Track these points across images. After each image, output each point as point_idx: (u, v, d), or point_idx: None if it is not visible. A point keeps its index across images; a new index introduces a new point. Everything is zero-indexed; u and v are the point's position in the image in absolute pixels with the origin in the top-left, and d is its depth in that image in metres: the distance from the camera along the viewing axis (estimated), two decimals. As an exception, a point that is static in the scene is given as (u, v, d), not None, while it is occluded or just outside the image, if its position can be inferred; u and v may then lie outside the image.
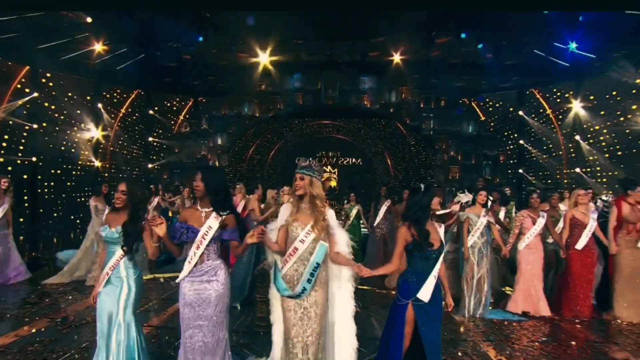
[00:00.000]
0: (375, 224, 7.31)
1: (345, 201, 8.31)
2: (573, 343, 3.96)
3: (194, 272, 2.52)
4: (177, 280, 2.58)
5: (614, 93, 10.41)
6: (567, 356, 3.68)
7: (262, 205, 5.80)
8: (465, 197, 4.88)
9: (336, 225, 2.76)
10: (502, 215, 5.85)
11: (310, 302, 2.60)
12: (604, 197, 5.94)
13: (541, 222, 4.65)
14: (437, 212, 4.11)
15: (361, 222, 7.77)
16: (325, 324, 2.64)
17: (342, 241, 2.70)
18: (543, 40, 9.94)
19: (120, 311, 2.58)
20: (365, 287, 5.49)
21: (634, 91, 9.86)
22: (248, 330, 4.00)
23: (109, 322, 2.53)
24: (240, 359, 3.14)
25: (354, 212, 7.62)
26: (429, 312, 2.69)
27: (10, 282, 6.21)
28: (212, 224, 2.52)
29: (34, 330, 4.03)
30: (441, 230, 2.82)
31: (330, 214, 2.76)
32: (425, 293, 2.66)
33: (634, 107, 9.89)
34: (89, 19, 9.17)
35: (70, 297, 5.40)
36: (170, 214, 8.32)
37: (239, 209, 5.35)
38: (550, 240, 5.11)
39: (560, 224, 5.05)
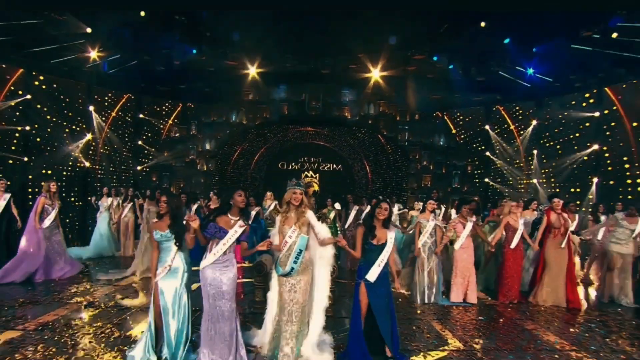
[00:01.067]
0: (346, 227, 8.45)
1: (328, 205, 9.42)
2: (501, 320, 5.14)
3: (217, 261, 3.46)
4: (200, 267, 3.55)
5: (566, 114, 11.95)
6: (493, 329, 4.84)
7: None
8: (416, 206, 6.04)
9: (316, 222, 3.78)
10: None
11: (297, 280, 3.61)
12: (541, 207, 7.23)
13: (469, 226, 5.82)
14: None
15: (337, 224, 8.87)
16: (308, 295, 3.69)
17: (323, 231, 3.74)
18: (506, 64, 11.34)
19: (182, 285, 3.57)
20: (342, 281, 6.51)
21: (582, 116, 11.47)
22: (249, 310, 5.08)
23: (174, 293, 3.51)
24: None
25: (332, 215, 8.70)
26: (375, 289, 3.73)
27: (57, 277, 6.74)
28: (238, 229, 3.51)
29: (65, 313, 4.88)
30: (391, 233, 3.89)
31: (310, 214, 3.79)
32: (371, 275, 3.71)
33: (581, 126, 11.49)
34: (88, 30, 9.93)
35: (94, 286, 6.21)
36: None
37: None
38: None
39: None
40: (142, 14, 8.85)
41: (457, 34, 9.74)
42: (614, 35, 8.78)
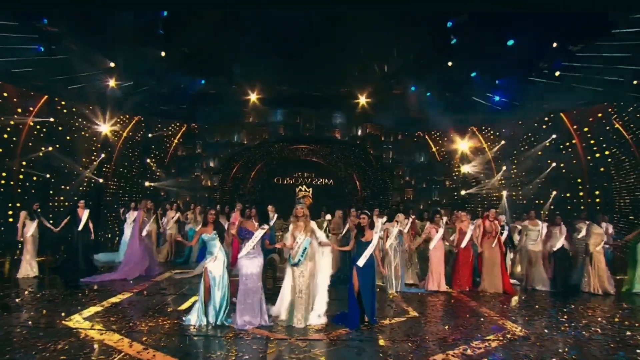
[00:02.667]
0: (343, 232, 10.25)
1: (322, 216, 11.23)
2: (452, 300, 6.92)
3: (249, 253, 5.18)
4: (238, 257, 5.26)
5: (529, 134, 14.04)
6: (442, 305, 6.64)
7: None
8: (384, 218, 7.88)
9: (317, 230, 5.56)
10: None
11: (303, 268, 5.35)
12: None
13: (441, 231, 7.63)
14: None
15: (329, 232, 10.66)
16: (313, 278, 5.45)
17: (322, 237, 5.55)
18: (474, 93, 13.40)
19: (223, 268, 5.21)
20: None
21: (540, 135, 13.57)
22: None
23: (221, 277, 5.16)
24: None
25: (324, 224, 10.51)
26: (363, 273, 5.44)
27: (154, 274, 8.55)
28: (260, 231, 5.27)
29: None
30: (376, 235, 5.65)
31: (313, 224, 5.57)
32: (360, 262, 5.43)
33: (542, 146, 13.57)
34: (112, 64, 11.73)
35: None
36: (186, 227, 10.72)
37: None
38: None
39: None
40: (163, 54, 10.67)
41: (430, 70, 11.73)
42: (557, 73, 10.88)
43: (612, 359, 4.31)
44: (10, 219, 11.21)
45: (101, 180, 14.02)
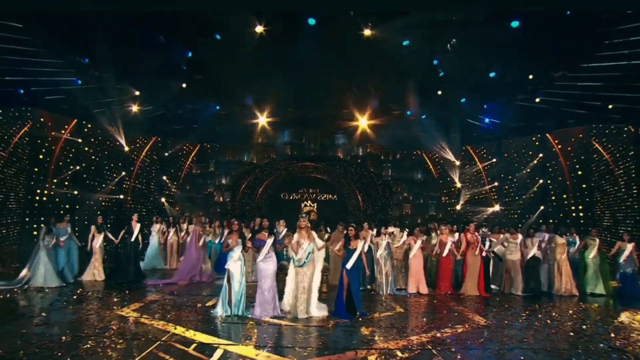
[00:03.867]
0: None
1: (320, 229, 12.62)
2: (435, 301, 8.24)
3: (265, 257, 6.62)
4: (257, 261, 6.69)
5: (518, 154, 15.45)
6: (425, 304, 7.96)
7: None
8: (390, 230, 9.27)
9: (317, 238, 6.98)
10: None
11: (305, 269, 6.74)
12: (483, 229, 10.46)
13: (419, 242, 8.99)
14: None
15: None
16: (312, 278, 6.84)
17: (319, 242, 6.97)
18: (470, 113, 14.87)
19: (241, 267, 6.59)
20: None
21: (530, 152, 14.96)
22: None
23: (240, 276, 6.54)
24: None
25: (325, 236, 11.90)
26: (351, 274, 6.81)
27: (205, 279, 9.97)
28: (270, 240, 6.69)
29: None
30: (361, 243, 7.04)
31: (314, 233, 7.02)
32: (348, 265, 6.82)
33: (531, 164, 14.95)
34: (137, 92, 13.40)
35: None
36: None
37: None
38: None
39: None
40: (184, 85, 12.32)
41: (423, 97, 13.24)
42: (537, 100, 12.34)
43: (567, 345, 5.56)
44: (35, 232, 12.64)
45: (121, 197, 15.58)
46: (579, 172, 13.88)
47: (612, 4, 8.08)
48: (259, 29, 9.46)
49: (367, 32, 9.62)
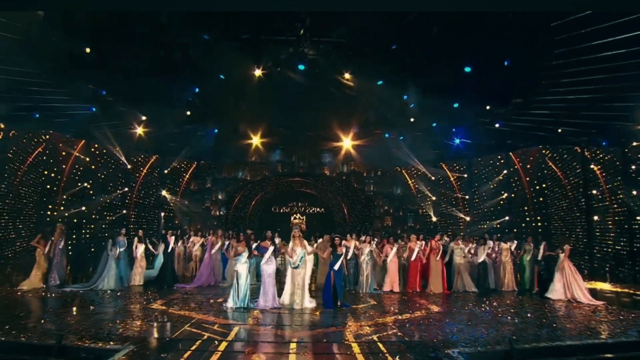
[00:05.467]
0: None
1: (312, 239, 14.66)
2: (404, 297, 10.33)
3: (267, 260, 8.60)
4: (261, 264, 8.68)
5: (487, 170, 17.81)
6: (395, 299, 10.02)
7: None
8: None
9: (308, 245, 9.03)
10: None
11: (299, 270, 8.73)
12: (445, 238, 12.65)
13: (395, 249, 11.10)
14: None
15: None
16: (305, 277, 8.85)
17: (310, 249, 9.01)
18: (442, 135, 17.18)
19: (247, 268, 8.51)
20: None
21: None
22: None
23: (246, 275, 8.48)
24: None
25: (315, 245, 13.93)
26: (337, 274, 8.87)
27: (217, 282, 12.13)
28: (271, 248, 8.70)
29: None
30: (344, 249, 9.10)
31: (305, 242, 9.07)
32: (335, 267, 8.85)
33: (497, 180, 17.28)
34: (143, 117, 15.34)
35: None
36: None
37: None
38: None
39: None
40: (188, 113, 14.35)
41: (399, 124, 15.51)
42: (497, 125, 14.70)
43: (497, 323, 7.67)
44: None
45: (124, 211, 17.37)
46: (537, 187, 16.26)
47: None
48: (257, 72, 11.58)
49: (347, 75, 11.85)
